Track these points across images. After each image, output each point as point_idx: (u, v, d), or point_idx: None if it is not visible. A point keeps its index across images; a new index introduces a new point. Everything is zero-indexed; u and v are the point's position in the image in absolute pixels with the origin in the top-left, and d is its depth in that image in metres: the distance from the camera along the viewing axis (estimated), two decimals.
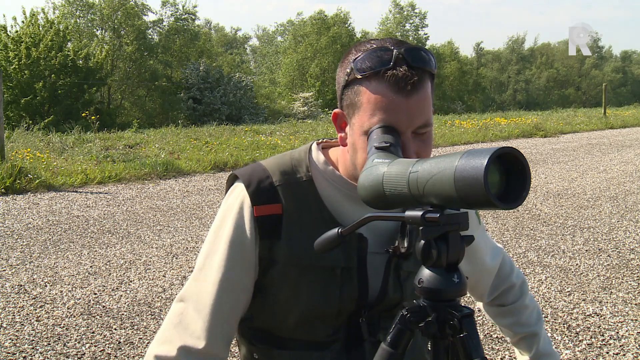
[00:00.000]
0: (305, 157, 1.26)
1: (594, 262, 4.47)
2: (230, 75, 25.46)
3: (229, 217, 1.22)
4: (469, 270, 1.38)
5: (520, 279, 1.50)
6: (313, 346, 1.22)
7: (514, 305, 1.48)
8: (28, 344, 3.05)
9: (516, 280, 1.49)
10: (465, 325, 0.91)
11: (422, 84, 1.09)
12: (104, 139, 11.84)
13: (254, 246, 1.20)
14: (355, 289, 1.19)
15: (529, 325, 1.48)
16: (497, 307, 1.50)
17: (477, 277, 1.43)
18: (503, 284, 1.48)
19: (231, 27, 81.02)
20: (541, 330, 1.48)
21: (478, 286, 1.46)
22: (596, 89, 48.12)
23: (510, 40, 55.76)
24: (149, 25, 31.78)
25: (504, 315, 1.50)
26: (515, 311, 1.48)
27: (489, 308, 1.53)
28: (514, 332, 1.49)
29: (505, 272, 1.48)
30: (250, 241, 1.19)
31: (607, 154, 11.28)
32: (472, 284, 1.44)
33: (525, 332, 1.47)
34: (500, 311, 1.50)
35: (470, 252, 1.35)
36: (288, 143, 12.03)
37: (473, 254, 1.37)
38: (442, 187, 0.84)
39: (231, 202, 1.23)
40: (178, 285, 3.95)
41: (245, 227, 1.20)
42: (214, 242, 1.23)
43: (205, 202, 6.71)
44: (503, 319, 1.50)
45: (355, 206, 1.21)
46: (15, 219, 5.82)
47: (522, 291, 1.49)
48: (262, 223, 1.19)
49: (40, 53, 20.30)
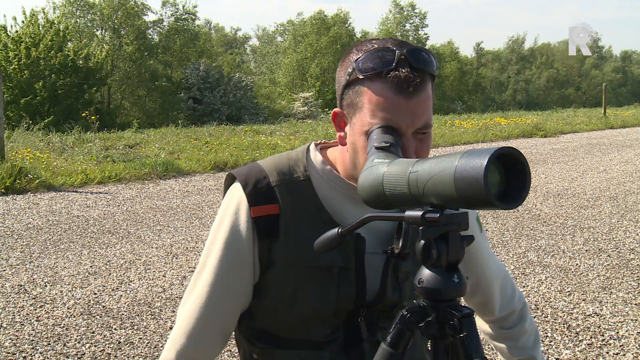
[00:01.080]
0: (303, 157, 1.26)
1: (594, 262, 4.47)
2: (230, 75, 25.48)
3: (226, 218, 1.22)
4: (472, 279, 1.36)
5: (521, 303, 1.47)
6: (312, 346, 1.22)
7: (512, 330, 1.46)
8: (28, 344, 3.05)
9: (517, 305, 1.46)
10: (465, 325, 0.91)
11: (423, 85, 1.09)
12: (104, 139, 11.85)
13: (252, 247, 1.20)
14: (352, 289, 1.19)
15: (526, 349, 1.45)
16: (496, 329, 1.48)
17: (482, 286, 1.40)
18: (505, 309, 1.44)
19: (231, 27, 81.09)
20: (538, 354, 1.47)
21: (485, 295, 1.42)
22: (596, 89, 48.11)
23: (510, 40, 55.73)
24: (149, 25, 31.79)
25: (502, 338, 1.47)
26: (514, 336, 1.46)
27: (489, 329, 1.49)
28: (510, 355, 1.47)
29: (507, 294, 1.44)
30: (247, 242, 1.20)
31: (607, 154, 11.28)
32: (479, 298, 1.41)
33: (522, 356, 1.45)
34: (499, 334, 1.48)
35: (472, 258, 1.34)
36: (288, 143, 12.03)
37: (475, 258, 1.36)
38: (442, 187, 0.84)
39: (228, 203, 1.24)
40: (178, 285, 3.95)
41: (242, 228, 1.20)
42: (212, 243, 1.24)
43: (205, 202, 6.71)
44: (501, 342, 1.48)
45: (353, 206, 1.21)
46: (15, 219, 5.82)
47: (521, 316, 1.46)
48: (260, 223, 1.19)
49: (40, 53, 20.31)
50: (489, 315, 1.46)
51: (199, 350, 1.22)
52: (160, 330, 3.24)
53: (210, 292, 1.21)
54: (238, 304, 1.24)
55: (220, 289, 1.21)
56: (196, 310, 1.22)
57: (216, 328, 1.23)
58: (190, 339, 1.21)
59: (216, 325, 1.23)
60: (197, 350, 1.22)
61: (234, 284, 1.21)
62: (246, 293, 1.24)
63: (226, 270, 1.21)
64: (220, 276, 1.21)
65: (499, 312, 1.44)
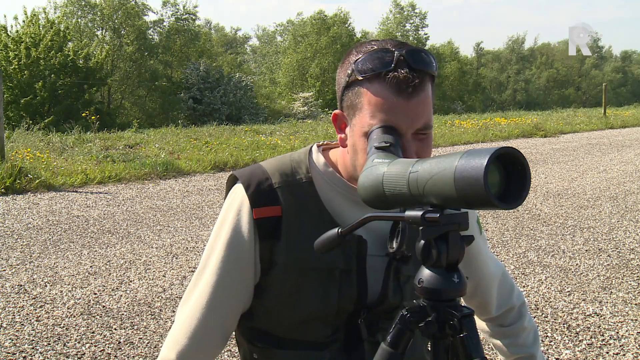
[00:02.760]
0: (305, 159, 1.26)
1: (594, 262, 4.47)
2: (230, 75, 25.46)
3: (228, 220, 1.22)
4: (472, 281, 1.36)
5: (520, 301, 1.47)
6: (312, 346, 1.22)
7: (511, 327, 1.45)
8: (28, 344, 3.05)
9: (516, 302, 1.46)
10: (465, 325, 0.91)
11: (423, 86, 1.09)
12: (104, 139, 11.85)
13: (253, 248, 1.20)
14: (354, 290, 1.19)
15: (525, 346, 1.45)
16: (495, 327, 1.48)
17: (482, 288, 1.40)
18: (504, 305, 1.45)
19: (231, 27, 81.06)
20: (537, 352, 1.46)
21: (483, 297, 1.42)
22: (596, 89, 48.12)
23: (510, 40, 55.76)
24: (150, 26, 31.78)
25: (501, 336, 1.47)
26: (513, 333, 1.45)
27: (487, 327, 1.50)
28: (509, 352, 1.47)
29: (505, 291, 1.45)
30: (249, 243, 1.20)
31: (607, 154, 11.28)
32: (478, 299, 1.42)
33: (521, 353, 1.45)
34: (498, 331, 1.47)
35: (473, 261, 1.34)
36: (288, 143, 12.03)
37: (475, 260, 1.36)
38: (442, 187, 0.84)
39: (230, 204, 1.24)
40: (178, 285, 3.95)
41: (244, 230, 1.20)
42: (214, 244, 1.24)
43: (205, 202, 6.71)
44: (500, 339, 1.48)
45: (354, 208, 1.21)
46: (15, 219, 5.82)
47: (520, 313, 1.46)
48: (262, 225, 1.19)
49: (40, 53, 20.29)
50: (486, 314, 1.46)
51: (201, 351, 1.22)
52: (160, 330, 3.24)
53: (212, 293, 1.21)
54: (239, 304, 1.24)
55: (222, 290, 1.21)
56: (198, 310, 1.21)
57: (218, 328, 1.23)
58: (192, 339, 1.21)
59: (218, 325, 1.23)
60: (198, 350, 1.22)
61: (235, 285, 1.22)
62: (247, 293, 1.24)
63: (228, 271, 1.21)
64: (222, 277, 1.21)
65: (496, 310, 1.44)
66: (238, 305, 1.24)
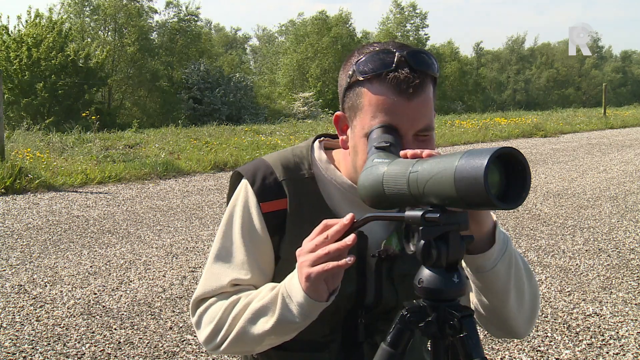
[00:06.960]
0: (307, 155, 1.26)
1: (594, 262, 4.47)
2: (231, 75, 25.49)
3: (236, 215, 1.22)
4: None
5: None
6: (311, 346, 1.22)
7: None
8: (28, 344, 3.05)
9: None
10: (465, 325, 0.91)
11: (423, 87, 1.09)
12: (104, 139, 11.85)
13: (269, 240, 1.21)
14: (353, 287, 1.20)
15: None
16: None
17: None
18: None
19: (231, 27, 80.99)
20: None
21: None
22: (596, 89, 48.09)
23: (510, 40, 55.79)
24: (154, 28, 31.77)
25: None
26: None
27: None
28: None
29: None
30: (264, 235, 1.20)
31: (607, 154, 11.28)
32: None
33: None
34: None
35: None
36: (288, 143, 12.03)
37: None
38: (442, 187, 0.84)
39: (236, 201, 1.23)
40: (178, 285, 3.95)
41: (256, 223, 1.21)
42: (225, 234, 1.23)
43: (205, 202, 6.71)
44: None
45: (354, 209, 1.20)
46: (15, 219, 5.82)
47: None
48: (271, 219, 1.20)
49: (41, 54, 20.30)
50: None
51: (248, 273, 1.19)
52: (160, 330, 3.24)
53: (245, 244, 1.20)
54: (270, 261, 1.22)
55: (253, 246, 1.20)
56: (234, 249, 1.20)
57: (256, 262, 1.20)
58: (234, 267, 1.19)
59: (256, 260, 1.20)
60: (246, 273, 1.19)
61: (262, 246, 1.21)
62: (272, 264, 1.22)
63: (251, 240, 1.20)
64: (249, 240, 1.20)
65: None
66: (270, 262, 1.22)
